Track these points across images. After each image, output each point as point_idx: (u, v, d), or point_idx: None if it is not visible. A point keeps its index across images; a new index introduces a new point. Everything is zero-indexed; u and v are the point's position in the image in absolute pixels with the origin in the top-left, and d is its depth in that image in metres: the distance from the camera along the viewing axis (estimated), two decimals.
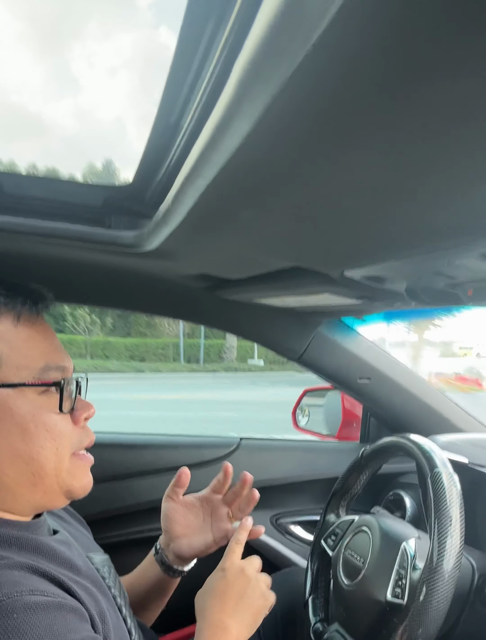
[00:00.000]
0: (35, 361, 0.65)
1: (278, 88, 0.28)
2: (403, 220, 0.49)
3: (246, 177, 0.43)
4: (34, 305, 0.67)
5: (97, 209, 0.73)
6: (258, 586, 0.81)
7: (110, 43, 57.03)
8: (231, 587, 0.79)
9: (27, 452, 0.63)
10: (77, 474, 0.69)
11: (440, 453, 0.88)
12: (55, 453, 0.65)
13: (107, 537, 1.39)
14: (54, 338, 0.70)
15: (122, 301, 1.25)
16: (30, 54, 61.71)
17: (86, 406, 0.72)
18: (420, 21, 0.22)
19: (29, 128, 59.70)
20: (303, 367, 1.41)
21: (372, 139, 0.33)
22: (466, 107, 0.28)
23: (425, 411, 1.43)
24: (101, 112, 61.75)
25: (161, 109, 0.52)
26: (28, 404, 0.64)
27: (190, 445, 1.50)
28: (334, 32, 0.23)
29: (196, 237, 0.67)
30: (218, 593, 0.78)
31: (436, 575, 0.75)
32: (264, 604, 0.81)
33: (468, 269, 0.62)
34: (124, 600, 0.78)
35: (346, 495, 1.11)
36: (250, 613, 0.78)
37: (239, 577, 0.80)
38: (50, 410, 0.65)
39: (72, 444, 0.68)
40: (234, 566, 0.81)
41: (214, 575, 0.81)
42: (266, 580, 0.84)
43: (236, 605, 0.77)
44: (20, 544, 0.63)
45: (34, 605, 0.54)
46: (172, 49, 0.43)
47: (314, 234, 0.59)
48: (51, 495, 0.67)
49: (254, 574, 0.81)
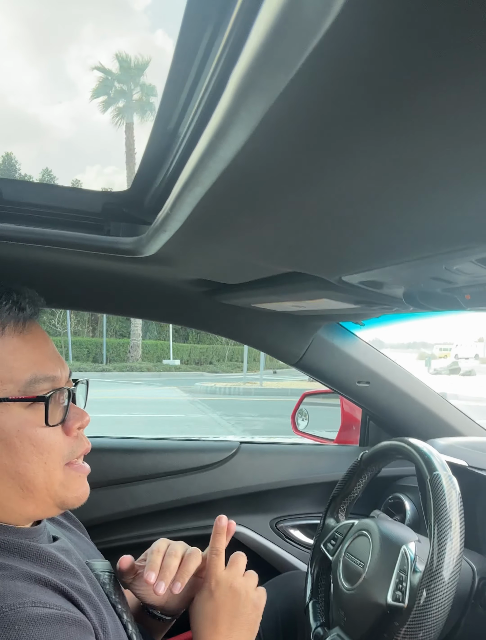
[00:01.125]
0: (21, 373, 0.62)
1: (275, 96, 0.28)
2: (401, 226, 0.49)
3: (243, 184, 0.43)
4: (21, 312, 0.64)
5: (96, 215, 0.74)
6: (248, 598, 0.78)
7: (106, 46, 57.00)
8: (221, 608, 0.76)
9: (13, 468, 0.62)
10: (71, 485, 0.67)
11: (439, 456, 0.88)
12: (43, 467, 0.63)
13: (108, 542, 1.39)
14: (45, 345, 0.67)
15: (121, 307, 1.25)
16: (26, 57, 61.76)
17: (79, 415, 0.69)
18: (417, 29, 0.22)
19: (26, 131, 59.71)
20: (302, 371, 1.41)
21: (369, 146, 0.33)
22: (464, 115, 0.29)
23: (424, 414, 1.43)
24: (97, 115, 61.76)
25: (159, 115, 0.52)
26: (13, 419, 0.61)
27: (190, 449, 1.50)
28: (332, 40, 0.23)
29: (194, 243, 0.67)
30: (209, 616, 0.76)
31: (436, 579, 0.75)
32: (258, 612, 0.79)
33: (465, 273, 0.62)
34: (125, 606, 0.77)
35: (346, 499, 1.11)
36: (245, 629, 0.77)
37: (227, 595, 0.77)
38: (36, 424, 0.63)
39: (64, 456, 0.66)
40: (221, 585, 0.78)
41: (202, 595, 0.78)
42: (253, 581, 0.81)
43: (230, 625, 0.75)
44: (22, 551, 0.62)
45: (36, 618, 0.53)
46: (168, 53, 0.43)
47: (312, 240, 0.59)
48: (43, 507, 0.66)
49: (242, 585, 0.78)
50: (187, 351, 22.80)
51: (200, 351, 23.16)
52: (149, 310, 1.28)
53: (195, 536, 1.46)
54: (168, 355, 21.59)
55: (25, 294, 0.66)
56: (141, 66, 23.42)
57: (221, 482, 1.46)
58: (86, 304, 1.28)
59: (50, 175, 27.13)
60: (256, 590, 0.80)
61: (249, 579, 0.81)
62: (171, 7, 50.44)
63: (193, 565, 0.78)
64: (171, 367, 20.49)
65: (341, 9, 0.21)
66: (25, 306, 0.65)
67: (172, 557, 0.78)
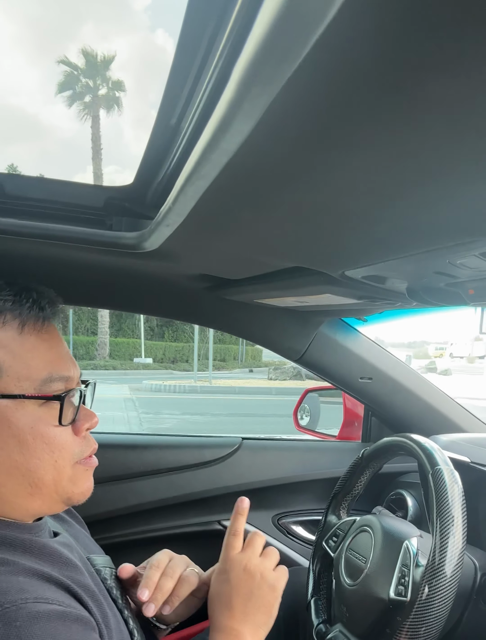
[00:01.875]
0: (37, 372, 0.63)
1: (278, 89, 0.28)
2: (405, 220, 0.49)
3: (246, 178, 0.43)
4: (41, 311, 0.65)
5: (98, 210, 0.74)
6: (264, 579, 0.77)
7: (106, 45, 56.79)
8: (236, 591, 0.75)
9: (25, 464, 0.62)
10: (78, 480, 0.68)
11: (441, 451, 0.88)
12: (53, 465, 0.64)
13: (110, 538, 1.40)
14: (60, 346, 0.67)
15: (124, 302, 1.25)
16: (26, 57, 61.51)
17: (89, 416, 0.70)
18: (420, 21, 0.22)
19: (27, 130, 59.65)
20: (304, 367, 1.41)
21: (372, 139, 0.33)
22: (466, 107, 0.28)
23: (426, 411, 1.43)
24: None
25: (161, 110, 0.52)
26: (27, 416, 0.62)
27: (192, 445, 1.50)
28: (334, 32, 0.23)
29: (196, 238, 0.67)
30: (224, 599, 0.75)
31: (438, 574, 0.75)
32: (275, 594, 0.77)
33: (469, 267, 0.62)
34: (126, 601, 0.77)
35: (348, 496, 1.11)
36: (262, 612, 0.75)
37: (242, 578, 0.76)
38: (49, 423, 0.63)
39: (74, 455, 0.67)
40: (235, 567, 0.77)
41: (217, 578, 0.78)
42: (271, 561, 0.79)
43: (245, 609, 0.74)
44: (24, 546, 0.63)
45: (37, 614, 0.53)
46: (168, 51, 0.43)
47: (315, 234, 0.59)
48: (50, 503, 0.67)
49: (257, 567, 0.77)
50: (162, 349, 22.67)
51: (176, 349, 23.04)
52: (150, 305, 1.28)
53: (197, 532, 1.46)
54: (139, 353, 21.54)
55: (45, 293, 0.67)
56: (107, 61, 23.17)
57: (222, 478, 1.46)
58: (87, 299, 1.28)
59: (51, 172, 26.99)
60: (273, 571, 0.79)
61: (266, 559, 0.79)
62: (171, 4, 50.27)
63: (185, 592, 0.78)
64: (139, 365, 20.33)
65: (344, 2, 0.21)
66: (45, 306, 0.66)
67: (168, 579, 0.78)
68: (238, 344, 24.58)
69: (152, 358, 21.82)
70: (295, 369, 17.87)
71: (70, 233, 0.71)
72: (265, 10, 0.24)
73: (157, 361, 22.01)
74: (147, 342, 22.66)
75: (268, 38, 0.24)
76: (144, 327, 21.77)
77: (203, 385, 15.18)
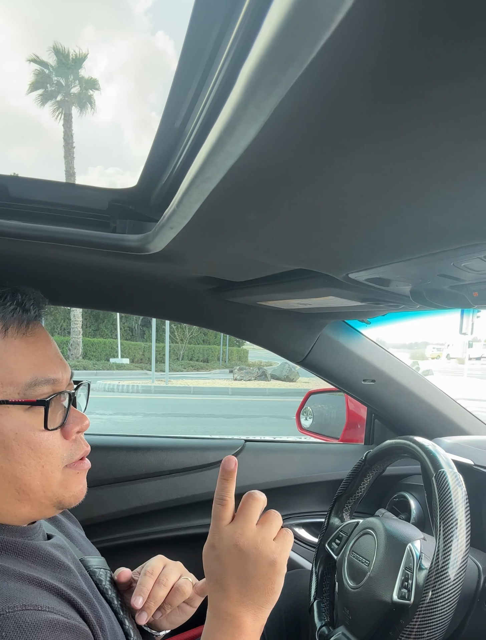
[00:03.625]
0: (22, 376, 0.61)
1: (284, 92, 0.28)
2: (409, 223, 0.49)
3: (251, 180, 0.43)
4: (25, 313, 0.63)
5: (102, 212, 0.74)
6: (262, 555, 0.63)
7: (107, 48, 56.79)
8: (228, 570, 0.64)
9: (10, 471, 0.61)
10: (69, 484, 0.66)
11: (445, 454, 0.88)
12: (40, 470, 0.63)
13: (113, 540, 1.40)
14: (47, 347, 0.66)
15: (127, 304, 1.25)
16: (25, 57, 61.65)
17: (79, 419, 0.68)
18: (427, 26, 0.22)
19: (28, 132, 59.67)
20: (307, 369, 1.41)
21: (378, 142, 0.33)
22: (472, 110, 0.28)
23: (429, 413, 1.43)
24: (99, 116, 61.77)
25: (166, 112, 0.52)
26: (12, 422, 0.60)
27: (194, 447, 1.50)
28: (342, 36, 0.23)
29: (201, 240, 0.67)
30: (217, 579, 0.65)
31: (442, 577, 0.75)
32: (275, 568, 0.64)
33: (473, 270, 0.62)
34: (121, 603, 0.76)
35: (350, 498, 1.11)
36: (261, 592, 0.64)
37: (234, 555, 0.64)
38: (35, 428, 0.62)
39: (63, 459, 0.65)
40: (225, 541, 0.64)
41: (208, 553, 0.66)
42: (269, 531, 0.65)
43: (241, 589, 0.64)
44: (17, 549, 0.62)
45: (25, 624, 0.52)
46: (169, 54, 0.43)
47: (319, 237, 0.59)
48: (39, 508, 0.65)
49: (252, 542, 0.64)
50: (141, 350, 22.51)
51: (156, 350, 22.96)
52: (154, 308, 1.28)
53: (199, 534, 1.46)
54: (115, 354, 21.46)
55: (30, 295, 0.66)
56: (79, 59, 22.90)
57: None
58: (91, 302, 1.28)
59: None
60: (274, 541, 0.65)
61: (264, 527, 0.65)
62: (174, 7, 50.34)
63: (177, 601, 0.78)
64: (113, 365, 20.28)
65: (353, 3, 0.21)
66: (30, 308, 0.64)
67: (161, 587, 0.77)
68: (220, 345, 24.53)
69: (131, 358, 21.72)
70: (260, 370, 18.23)
71: (74, 235, 0.71)
72: (272, 14, 0.24)
73: (136, 361, 21.91)
74: (127, 342, 22.55)
75: (274, 42, 0.24)
76: (123, 327, 21.64)
77: (158, 385, 15.31)
